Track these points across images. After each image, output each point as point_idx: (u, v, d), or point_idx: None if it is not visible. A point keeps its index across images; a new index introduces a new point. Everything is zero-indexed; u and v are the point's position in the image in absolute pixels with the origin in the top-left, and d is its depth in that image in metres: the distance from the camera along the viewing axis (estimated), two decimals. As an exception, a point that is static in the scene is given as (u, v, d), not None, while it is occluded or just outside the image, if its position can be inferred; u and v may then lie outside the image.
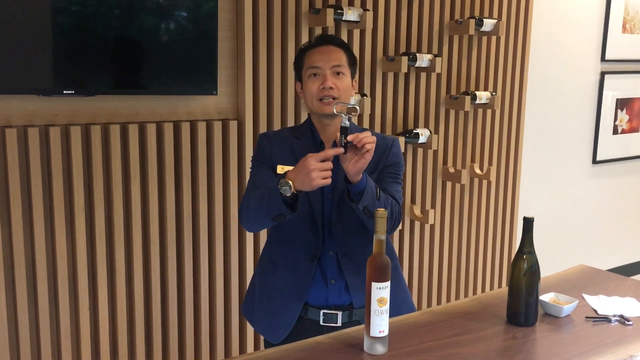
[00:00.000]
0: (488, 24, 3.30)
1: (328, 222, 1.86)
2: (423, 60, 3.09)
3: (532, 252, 1.77)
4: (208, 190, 2.67)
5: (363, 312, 1.84)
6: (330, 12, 2.72)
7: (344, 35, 2.92)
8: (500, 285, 3.81)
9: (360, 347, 1.61)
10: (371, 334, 1.56)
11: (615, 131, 4.55)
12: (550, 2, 3.97)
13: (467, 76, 3.42)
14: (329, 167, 1.64)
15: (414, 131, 3.14)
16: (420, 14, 3.19)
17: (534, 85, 3.93)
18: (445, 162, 3.43)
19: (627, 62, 4.49)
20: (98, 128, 2.39)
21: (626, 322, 1.81)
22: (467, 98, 3.24)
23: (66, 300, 2.40)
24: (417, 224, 3.36)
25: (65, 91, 2.28)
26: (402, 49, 3.15)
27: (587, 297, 1.99)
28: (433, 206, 3.39)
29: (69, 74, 2.30)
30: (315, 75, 1.82)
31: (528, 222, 1.75)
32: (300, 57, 1.89)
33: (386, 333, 1.57)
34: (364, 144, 1.65)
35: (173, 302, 2.64)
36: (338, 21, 2.84)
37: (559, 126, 4.22)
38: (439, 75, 3.30)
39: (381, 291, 1.54)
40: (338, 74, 1.82)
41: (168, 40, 2.47)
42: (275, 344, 1.88)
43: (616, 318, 1.83)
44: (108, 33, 2.34)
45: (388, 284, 1.54)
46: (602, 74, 4.37)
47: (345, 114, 1.68)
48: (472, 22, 3.21)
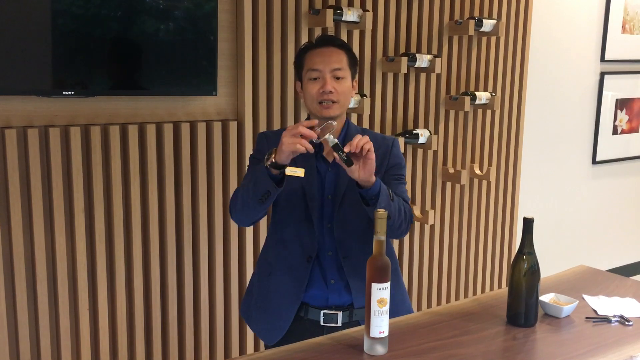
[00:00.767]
0: (488, 24, 3.30)
1: (328, 223, 1.86)
2: (423, 60, 3.09)
3: (532, 253, 1.77)
4: (208, 191, 2.67)
5: (363, 312, 1.84)
6: (329, 13, 2.72)
7: (343, 35, 2.92)
8: (500, 286, 3.81)
9: (360, 347, 1.61)
10: (371, 335, 1.56)
11: (615, 131, 4.55)
12: (549, 3, 3.97)
13: (466, 77, 3.42)
14: (297, 131, 1.63)
15: (414, 132, 3.14)
16: (419, 14, 3.19)
17: (534, 85, 3.93)
18: (445, 162, 3.43)
19: (627, 63, 4.49)
20: (98, 129, 2.39)
21: (626, 323, 1.81)
22: (467, 98, 3.24)
23: (66, 301, 2.40)
24: (417, 225, 3.36)
25: (64, 92, 2.27)
26: (402, 49, 3.15)
27: (587, 297, 1.99)
28: (433, 207, 3.39)
29: (69, 74, 2.30)
30: (316, 78, 1.82)
31: (528, 223, 1.75)
32: (300, 57, 1.88)
33: (386, 334, 1.57)
34: (361, 147, 1.65)
35: (173, 303, 2.63)
36: (338, 22, 2.84)
37: (559, 126, 4.22)
38: (438, 76, 3.30)
39: (381, 292, 1.54)
40: (338, 77, 1.82)
41: (168, 41, 2.47)
42: (271, 345, 1.89)
43: (616, 318, 1.83)
44: (108, 34, 2.33)
45: (388, 284, 1.54)
46: (602, 74, 4.37)
47: (328, 134, 1.67)
48: (471, 22, 3.21)
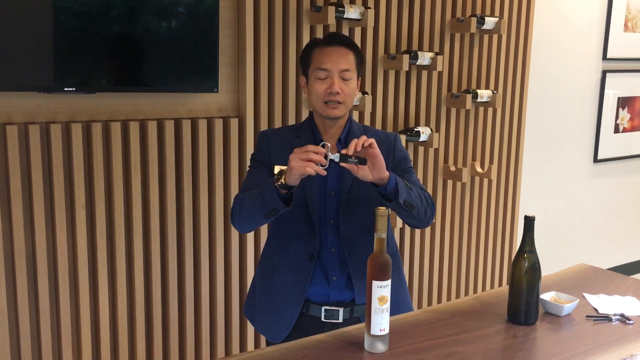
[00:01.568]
0: (489, 22, 3.29)
1: (331, 220, 1.86)
2: (424, 58, 3.09)
3: (532, 251, 1.77)
4: (209, 188, 2.67)
5: (364, 309, 1.84)
6: (331, 10, 2.72)
7: (345, 33, 2.91)
8: (500, 284, 3.81)
9: (360, 345, 1.61)
10: (372, 332, 1.56)
11: (616, 130, 4.54)
12: (552, 1, 3.96)
13: (468, 74, 3.42)
14: (308, 157, 1.60)
15: (415, 129, 3.14)
16: (421, 12, 3.19)
17: (535, 83, 3.93)
18: (446, 160, 3.43)
19: (629, 61, 4.48)
20: (99, 125, 2.39)
21: (627, 321, 1.81)
22: (469, 96, 3.24)
23: (67, 297, 2.40)
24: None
25: (66, 88, 2.27)
26: (404, 47, 3.14)
27: (587, 296, 1.99)
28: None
29: (70, 71, 2.29)
30: (323, 77, 1.81)
31: (529, 221, 1.75)
32: (308, 53, 1.87)
33: (387, 331, 1.57)
34: (362, 146, 1.64)
35: (173, 299, 2.64)
36: (339, 19, 2.83)
37: (560, 125, 4.21)
38: (440, 74, 3.29)
39: (382, 289, 1.54)
40: (345, 78, 1.82)
41: (169, 37, 2.46)
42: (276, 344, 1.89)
43: (617, 317, 1.83)
44: (109, 30, 2.33)
45: (389, 282, 1.54)
46: (604, 72, 4.36)
47: (329, 154, 1.63)
48: (473, 20, 3.20)
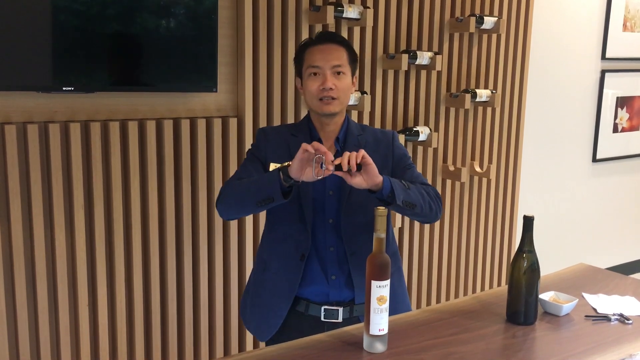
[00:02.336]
0: (488, 21, 3.29)
1: (330, 219, 1.86)
2: (423, 58, 3.09)
3: (532, 251, 1.77)
4: (208, 188, 2.67)
5: (363, 308, 1.84)
6: (330, 10, 2.72)
7: (344, 32, 2.91)
8: (500, 284, 3.81)
9: (360, 345, 1.60)
10: (371, 332, 1.56)
11: (615, 129, 4.54)
12: (551, 0, 3.96)
13: (467, 74, 3.42)
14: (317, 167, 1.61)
15: (414, 129, 3.14)
16: (420, 11, 3.19)
17: (534, 83, 3.93)
18: (445, 160, 3.43)
19: (628, 61, 4.49)
20: (97, 125, 2.39)
21: (626, 321, 1.81)
22: (467, 96, 3.24)
23: (65, 298, 2.40)
24: (416, 222, 3.36)
25: (64, 88, 2.27)
26: (403, 46, 3.14)
27: (586, 295, 1.99)
28: (433, 204, 3.39)
29: (69, 70, 2.29)
30: (316, 74, 1.82)
31: (528, 221, 1.75)
32: (300, 54, 1.88)
33: (386, 331, 1.57)
34: (356, 161, 1.63)
35: (172, 300, 2.63)
36: (338, 18, 2.83)
37: (559, 124, 4.21)
38: (439, 73, 3.29)
39: (381, 289, 1.53)
40: (338, 73, 1.82)
41: (168, 37, 2.46)
42: (271, 343, 1.89)
43: (616, 317, 1.83)
44: (108, 30, 2.33)
45: (388, 282, 1.54)
46: (603, 72, 4.36)
47: (323, 165, 1.63)
48: (472, 19, 3.20)
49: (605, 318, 1.83)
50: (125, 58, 2.41)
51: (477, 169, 3.48)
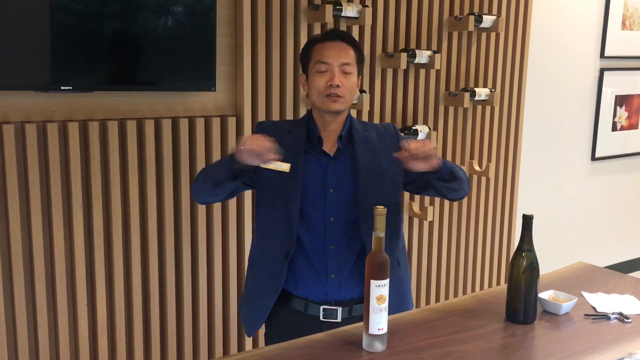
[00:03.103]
0: (487, 20, 3.29)
1: (331, 217, 1.85)
2: (422, 56, 3.08)
3: (531, 250, 1.76)
4: (206, 187, 2.67)
5: (362, 307, 1.84)
6: (329, 8, 2.71)
7: (343, 31, 2.91)
8: (499, 283, 3.81)
9: (359, 344, 1.60)
10: (370, 332, 1.56)
11: (614, 128, 4.54)
12: (549, -1, 3.97)
13: (466, 73, 3.42)
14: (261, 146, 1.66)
15: (413, 127, 3.13)
16: (419, 10, 3.18)
17: (533, 82, 3.93)
18: (444, 158, 3.42)
19: (627, 59, 4.49)
20: (96, 124, 2.38)
21: (625, 320, 1.81)
22: (466, 95, 3.24)
23: (64, 297, 2.39)
24: (415, 221, 3.36)
25: (62, 87, 2.26)
26: (401, 45, 3.14)
27: (586, 294, 1.99)
28: (432, 203, 3.39)
29: (67, 69, 2.29)
30: (324, 71, 1.81)
31: (527, 220, 1.75)
32: (308, 50, 1.87)
33: (385, 331, 1.57)
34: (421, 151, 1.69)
35: (171, 299, 2.63)
36: (337, 17, 2.83)
37: (558, 123, 4.21)
38: (438, 72, 3.29)
39: (380, 289, 1.53)
40: (346, 72, 1.82)
41: (166, 36, 2.46)
42: (269, 342, 1.90)
43: (615, 315, 1.83)
44: (106, 29, 2.32)
45: (387, 281, 1.54)
46: (602, 70, 4.36)
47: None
48: (471, 18, 3.20)
49: (605, 317, 1.83)
50: (124, 57, 2.40)
51: (476, 168, 3.48)
